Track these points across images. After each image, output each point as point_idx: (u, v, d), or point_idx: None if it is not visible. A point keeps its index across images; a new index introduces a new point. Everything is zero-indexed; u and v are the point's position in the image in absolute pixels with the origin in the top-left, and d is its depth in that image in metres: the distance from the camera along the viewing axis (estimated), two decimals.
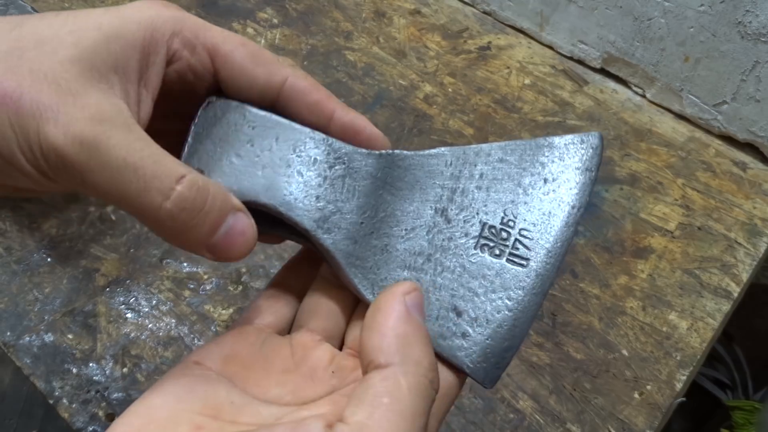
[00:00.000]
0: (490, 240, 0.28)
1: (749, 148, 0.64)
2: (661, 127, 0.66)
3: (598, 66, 0.71)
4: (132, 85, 0.24)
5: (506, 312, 0.27)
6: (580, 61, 0.72)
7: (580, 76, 0.71)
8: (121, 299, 0.52)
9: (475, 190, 0.28)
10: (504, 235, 0.28)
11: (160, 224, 0.23)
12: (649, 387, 0.49)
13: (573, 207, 0.28)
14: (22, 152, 0.21)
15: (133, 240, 0.56)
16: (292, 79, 0.28)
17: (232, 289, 0.53)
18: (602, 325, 0.52)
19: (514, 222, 0.28)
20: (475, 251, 0.28)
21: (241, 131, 0.28)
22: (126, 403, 0.47)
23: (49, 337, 0.50)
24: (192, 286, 0.53)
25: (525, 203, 0.28)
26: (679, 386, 0.49)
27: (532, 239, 0.28)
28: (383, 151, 0.29)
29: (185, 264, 0.55)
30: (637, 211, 0.59)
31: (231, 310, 0.52)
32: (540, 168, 0.28)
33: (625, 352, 0.51)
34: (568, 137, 0.29)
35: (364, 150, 0.28)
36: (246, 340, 0.27)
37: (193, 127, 0.28)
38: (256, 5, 0.77)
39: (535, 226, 0.28)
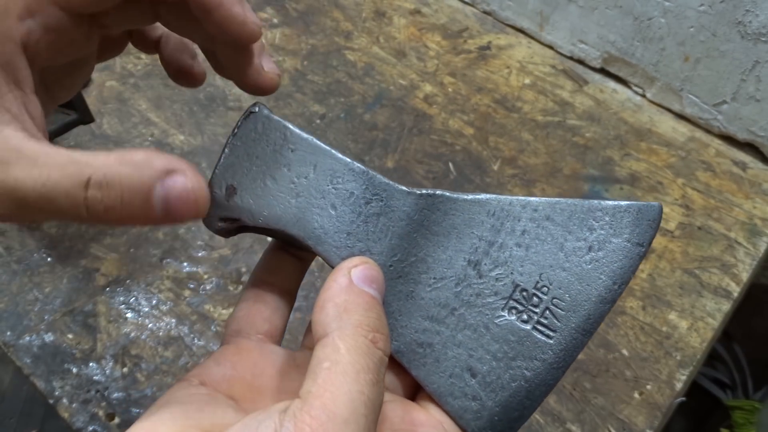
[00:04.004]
0: (520, 303, 0.26)
1: (749, 147, 0.64)
2: (661, 126, 0.66)
3: (598, 66, 0.71)
4: (6, 96, 0.22)
5: (522, 382, 0.26)
6: (580, 61, 0.72)
7: (580, 75, 0.71)
8: (121, 299, 0.52)
9: (515, 247, 0.26)
10: (535, 300, 0.26)
11: (104, 224, 0.22)
12: (649, 387, 0.49)
13: (614, 283, 0.26)
14: None
15: (133, 240, 0.56)
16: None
17: (232, 288, 0.53)
18: (602, 325, 0.52)
19: (549, 288, 0.26)
20: (502, 313, 0.26)
21: (280, 153, 0.27)
22: (126, 402, 0.47)
23: (49, 337, 0.50)
24: (192, 285, 0.53)
25: (564, 269, 0.26)
26: (679, 386, 0.49)
27: (564, 310, 0.26)
28: (424, 191, 0.27)
29: (185, 264, 0.55)
30: None
31: (231, 310, 0.52)
32: (587, 233, 0.26)
33: (625, 352, 0.51)
34: (624, 204, 0.26)
35: (404, 188, 0.27)
36: (248, 357, 0.27)
37: (231, 138, 0.27)
38: (256, 5, 0.77)
39: (569, 296, 0.26)
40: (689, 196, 0.60)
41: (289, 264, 0.30)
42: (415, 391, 0.28)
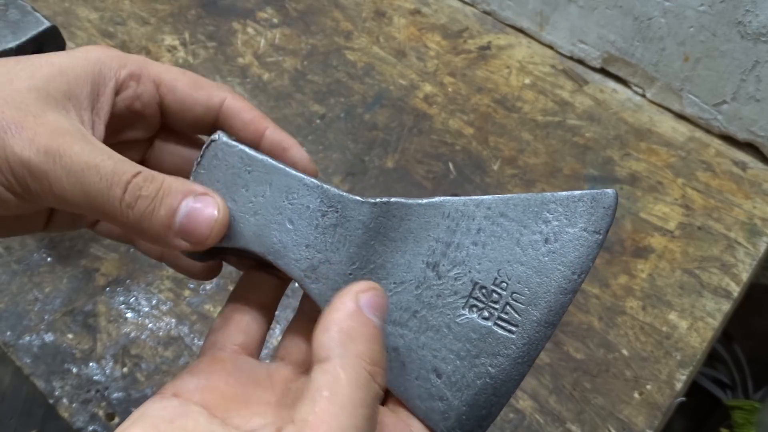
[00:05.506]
0: (480, 301, 0.26)
1: (749, 147, 0.64)
2: (661, 126, 0.66)
3: (598, 66, 0.71)
4: (85, 112, 0.26)
5: (487, 379, 0.26)
6: (580, 61, 0.72)
7: (580, 75, 0.71)
8: (121, 299, 0.52)
9: (471, 246, 0.26)
10: (495, 296, 0.26)
11: (123, 216, 0.25)
12: (649, 387, 0.49)
13: (573, 273, 0.25)
14: None
15: None
16: (229, 101, 0.30)
17: (232, 288, 0.53)
18: (602, 325, 0.52)
19: (507, 283, 0.26)
20: (462, 311, 0.26)
21: (238, 175, 0.28)
22: (126, 402, 0.47)
23: (49, 337, 0.50)
24: (192, 285, 0.53)
25: (521, 264, 0.26)
26: (679, 386, 0.49)
27: (524, 304, 0.26)
28: (378, 200, 0.28)
29: None
30: (637, 211, 0.59)
31: None
32: (543, 226, 0.26)
33: (625, 352, 0.51)
34: (578, 193, 0.26)
35: (359, 198, 0.28)
36: (222, 368, 0.27)
37: (195, 166, 0.29)
38: (256, 5, 0.77)
39: (529, 290, 0.26)
40: (689, 196, 0.61)
41: (266, 281, 0.31)
42: (383, 396, 0.29)
